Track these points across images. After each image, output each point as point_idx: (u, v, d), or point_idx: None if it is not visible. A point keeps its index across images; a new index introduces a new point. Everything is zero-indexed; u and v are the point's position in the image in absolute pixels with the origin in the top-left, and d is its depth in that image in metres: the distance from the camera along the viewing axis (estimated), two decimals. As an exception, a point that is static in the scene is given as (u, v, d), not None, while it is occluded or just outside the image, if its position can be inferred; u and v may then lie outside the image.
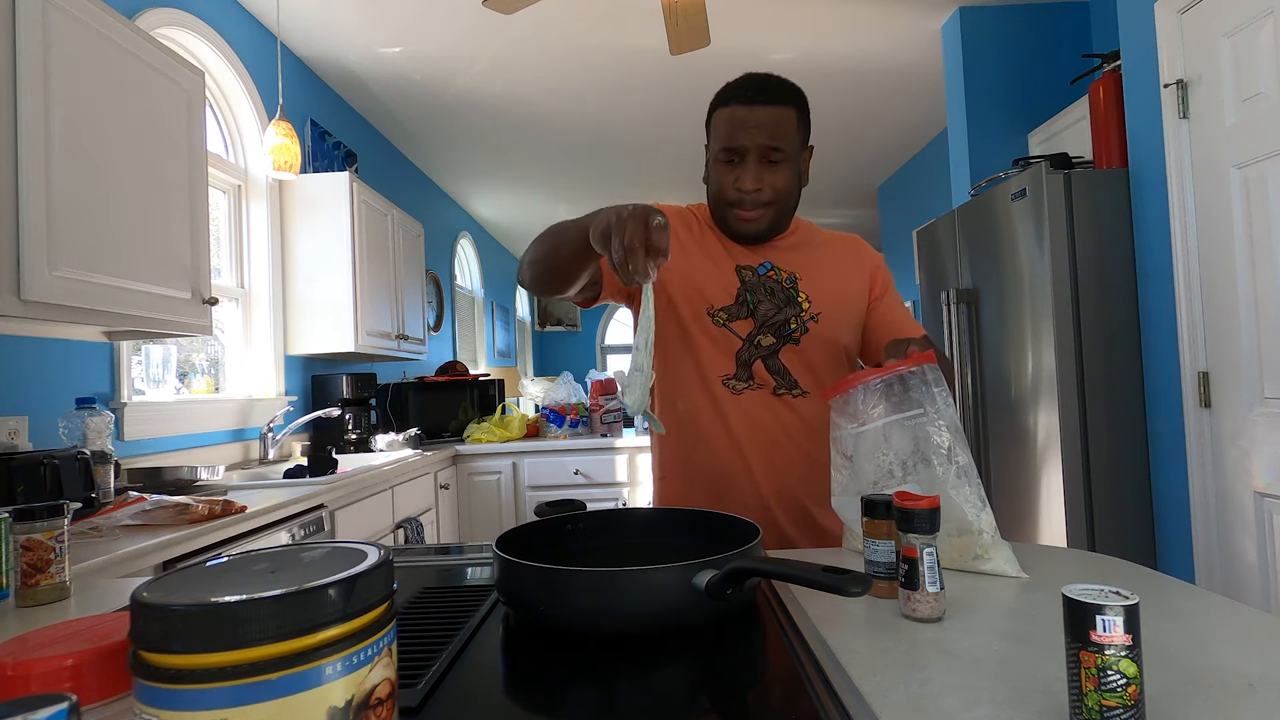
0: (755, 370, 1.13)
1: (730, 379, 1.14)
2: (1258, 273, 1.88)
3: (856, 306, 1.20)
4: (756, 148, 1.08)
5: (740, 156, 1.10)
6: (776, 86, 1.10)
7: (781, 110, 1.09)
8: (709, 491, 1.15)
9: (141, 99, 1.73)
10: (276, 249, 2.98)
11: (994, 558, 0.81)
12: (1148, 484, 2.29)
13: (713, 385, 1.14)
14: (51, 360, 1.88)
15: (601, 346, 9.81)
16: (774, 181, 1.10)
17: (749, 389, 1.13)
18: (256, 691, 0.36)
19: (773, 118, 1.08)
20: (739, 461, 1.13)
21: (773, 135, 1.08)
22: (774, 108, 1.08)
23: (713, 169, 1.15)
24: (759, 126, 1.08)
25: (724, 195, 1.13)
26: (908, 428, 0.85)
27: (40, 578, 0.87)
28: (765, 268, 1.16)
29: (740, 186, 1.10)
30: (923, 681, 0.54)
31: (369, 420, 3.24)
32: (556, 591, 0.69)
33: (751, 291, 1.15)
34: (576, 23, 3.09)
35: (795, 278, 1.16)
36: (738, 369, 1.14)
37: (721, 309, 1.14)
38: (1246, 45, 1.88)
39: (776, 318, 1.14)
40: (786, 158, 1.10)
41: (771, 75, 1.12)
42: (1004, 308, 2.52)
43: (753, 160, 1.09)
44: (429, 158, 4.78)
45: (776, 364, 1.14)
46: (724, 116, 1.11)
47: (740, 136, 1.08)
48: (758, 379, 1.13)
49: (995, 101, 3.15)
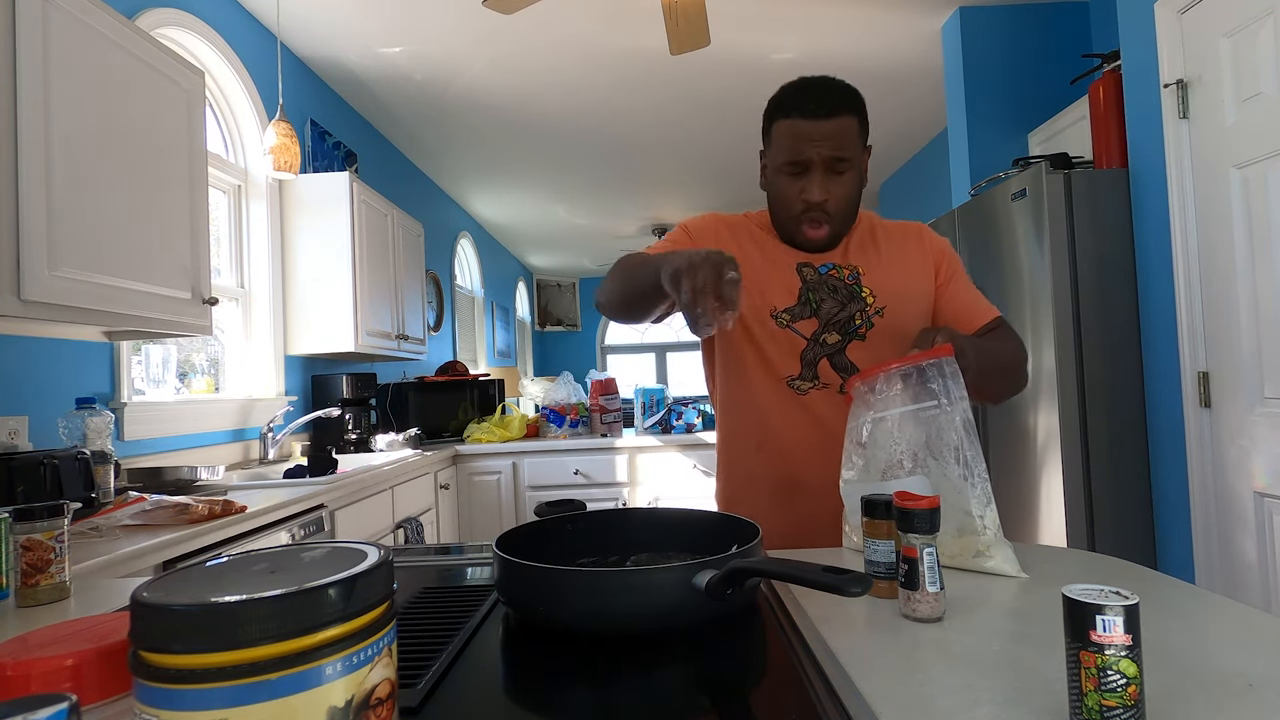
0: (821, 369, 1.13)
1: (796, 379, 1.14)
2: (1258, 273, 1.88)
3: (923, 295, 1.18)
4: (822, 160, 1.07)
5: (805, 169, 1.09)
6: (838, 96, 1.09)
7: (844, 120, 1.07)
8: (777, 494, 1.15)
9: (141, 99, 1.73)
10: (276, 249, 2.98)
11: (995, 556, 0.82)
12: (1148, 484, 2.29)
13: (778, 387, 1.14)
14: (51, 360, 1.88)
15: (601, 347, 9.82)
16: (839, 191, 1.10)
17: (815, 388, 1.13)
18: (256, 691, 0.36)
19: (836, 129, 1.07)
20: (807, 463, 1.13)
21: (837, 146, 1.07)
22: (837, 119, 1.07)
23: (775, 180, 1.13)
24: (824, 139, 1.06)
25: (790, 208, 1.12)
26: (921, 420, 0.86)
27: (40, 578, 0.87)
28: (827, 267, 1.16)
29: (807, 198, 1.09)
30: (923, 681, 0.54)
31: (369, 420, 3.24)
32: (556, 591, 0.69)
33: (814, 290, 1.14)
34: (576, 22, 3.09)
35: (858, 273, 1.16)
36: (803, 369, 1.13)
37: (784, 310, 1.14)
38: (1246, 45, 1.88)
39: (840, 315, 1.13)
40: (851, 166, 1.10)
41: (829, 81, 1.10)
42: (1004, 308, 2.52)
43: (818, 172, 1.08)
44: (429, 158, 4.78)
45: (843, 361, 1.13)
46: (786, 129, 1.09)
47: (805, 150, 1.07)
48: (823, 378, 1.13)
49: (995, 101, 3.15)
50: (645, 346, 10.21)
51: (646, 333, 10.25)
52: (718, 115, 4.15)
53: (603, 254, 8.14)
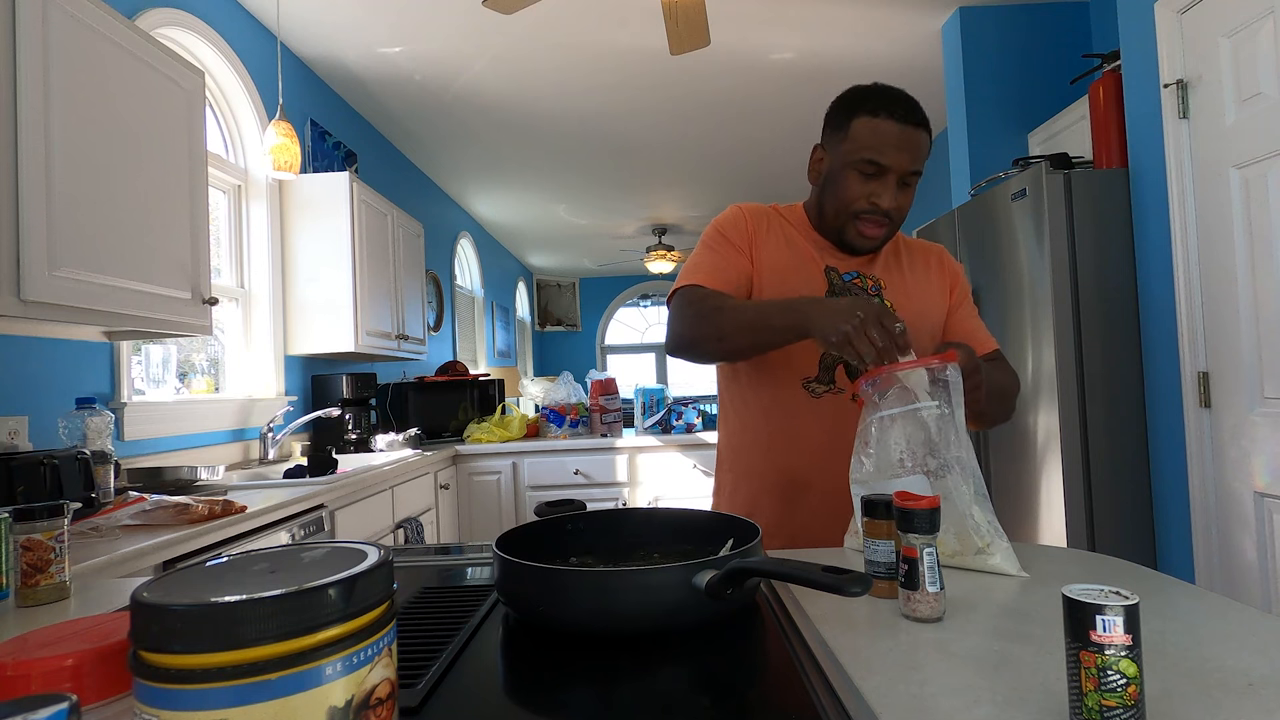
0: (837, 374, 1.14)
1: (811, 381, 1.14)
2: (1258, 273, 1.88)
3: (936, 315, 1.21)
4: (901, 168, 1.07)
5: (881, 172, 1.08)
6: (922, 111, 1.10)
7: (924, 135, 1.08)
8: (779, 493, 1.15)
9: (141, 99, 1.73)
10: (276, 249, 2.98)
11: (994, 554, 0.82)
12: (1148, 484, 2.29)
13: (793, 386, 1.15)
14: (51, 360, 1.88)
15: (601, 346, 9.81)
16: (904, 203, 1.11)
17: (829, 392, 1.14)
18: (256, 691, 0.36)
19: (920, 142, 1.08)
20: (813, 465, 1.13)
21: (916, 159, 1.08)
22: (921, 131, 1.08)
23: (842, 175, 1.11)
24: (909, 149, 1.07)
25: (853, 205, 1.11)
26: (921, 420, 0.86)
27: (40, 578, 0.87)
28: (851, 275, 1.17)
29: (877, 202, 1.09)
30: (922, 681, 0.54)
31: (369, 420, 3.24)
32: (556, 591, 0.69)
33: (838, 294, 1.15)
34: (576, 22, 3.09)
35: (880, 285, 1.17)
36: (820, 372, 1.14)
37: None
38: (1246, 45, 1.88)
39: None
40: (917, 182, 1.11)
41: (909, 94, 1.11)
42: (1004, 308, 2.52)
43: (893, 179, 1.08)
44: (429, 158, 4.78)
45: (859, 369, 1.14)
46: (871, 127, 1.08)
47: (889, 154, 1.07)
48: (839, 383, 1.14)
49: (995, 101, 3.15)
50: (645, 347, 10.21)
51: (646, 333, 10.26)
52: (718, 115, 4.15)
53: (603, 254, 8.14)
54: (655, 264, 7.17)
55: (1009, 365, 1.21)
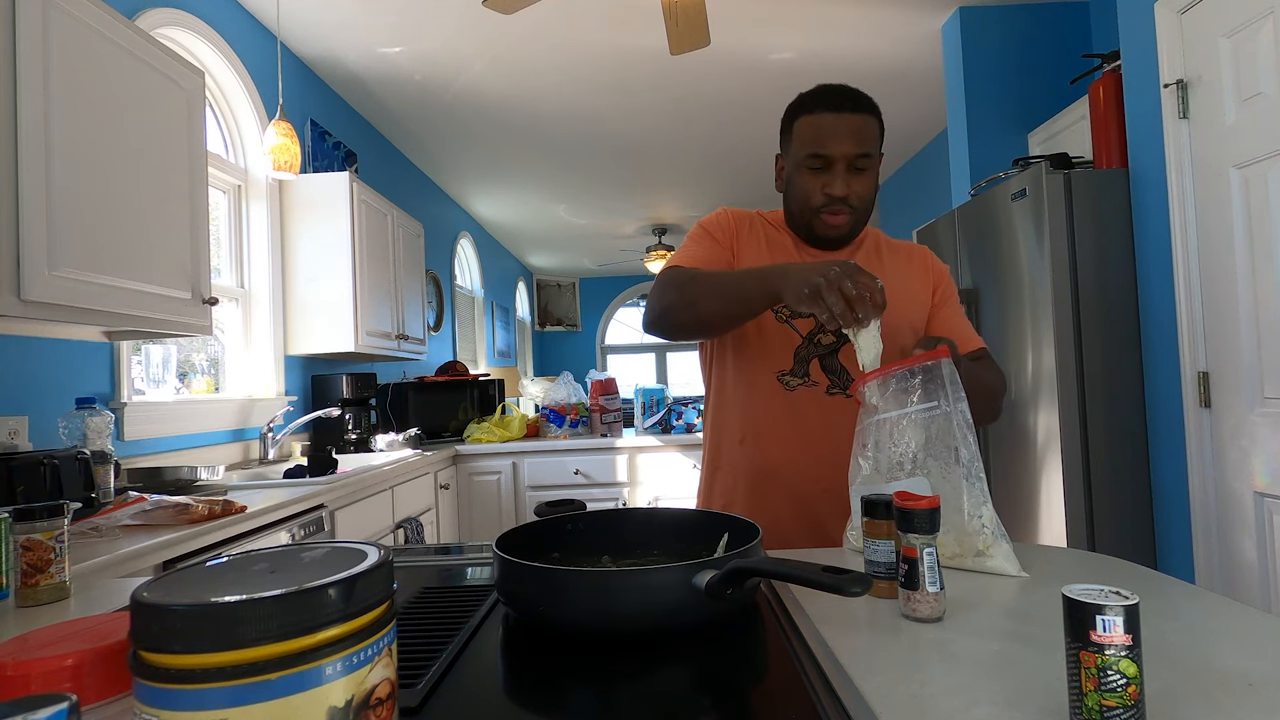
0: (811, 368, 1.16)
1: (786, 374, 1.16)
2: (1258, 273, 1.88)
3: (918, 314, 1.22)
4: (845, 155, 1.11)
5: (828, 164, 1.12)
6: (861, 96, 1.13)
7: (866, 119, 1.12)
8: (753, 484, 1.17)
9: (141, 99, 1.73)
10: (276, 249, 2.98)
11: (995, 555, 0.82)
12: (1148, 484, 2.29)
13: (768, 379, 1.17)
14: (51, 360, 1.88)
15: (601, 346, 9.81)
16: (859, 188, 1.13)
17: (803, 386, 1.16)
18: (256, 691, 0.36)
19: (860, 126, 1.11)
20: (785, 457, 1.15)
21: (860, 143, 1.11)
22: (860, 116, 1.11)
23: (796, 175, 1.16)
24: (849, 135, 1.10)
25: (810, 201, 1.15)
26: (920, 421, 0.86)
27: (40, 578, 0.87)
28: None
29: (830, 192, 1.12)
30: (923, 682, 0.54)
31: (369, 420, 3.24)
32: (556, 591, 0.69)
33: None
34: (576, 23, 3.09)
35: None
36: (795, 365, 1.16)
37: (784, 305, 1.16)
38: (1246, 45, 1.88)
39: None
40: (870, 164, 1.13)
41: (849, 86, 1.15)
42: (1004, 308, 2.52)
43: (841, 167, 1.11)
44: (429, 158, 4.78)
45: (834, 363, 1.16)
46: (810, 124, 1.13)
47: (830, 144, 1.11)
48: (812, 377, 1.16)
49: (995, 101, 3.15)
50: (645, 347, 10.21)
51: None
52: (717, 115, 4.15)
53: (603, 254, 8.14)
54: (655, 264, 7.16)
55: (995, 364, 1.22)
